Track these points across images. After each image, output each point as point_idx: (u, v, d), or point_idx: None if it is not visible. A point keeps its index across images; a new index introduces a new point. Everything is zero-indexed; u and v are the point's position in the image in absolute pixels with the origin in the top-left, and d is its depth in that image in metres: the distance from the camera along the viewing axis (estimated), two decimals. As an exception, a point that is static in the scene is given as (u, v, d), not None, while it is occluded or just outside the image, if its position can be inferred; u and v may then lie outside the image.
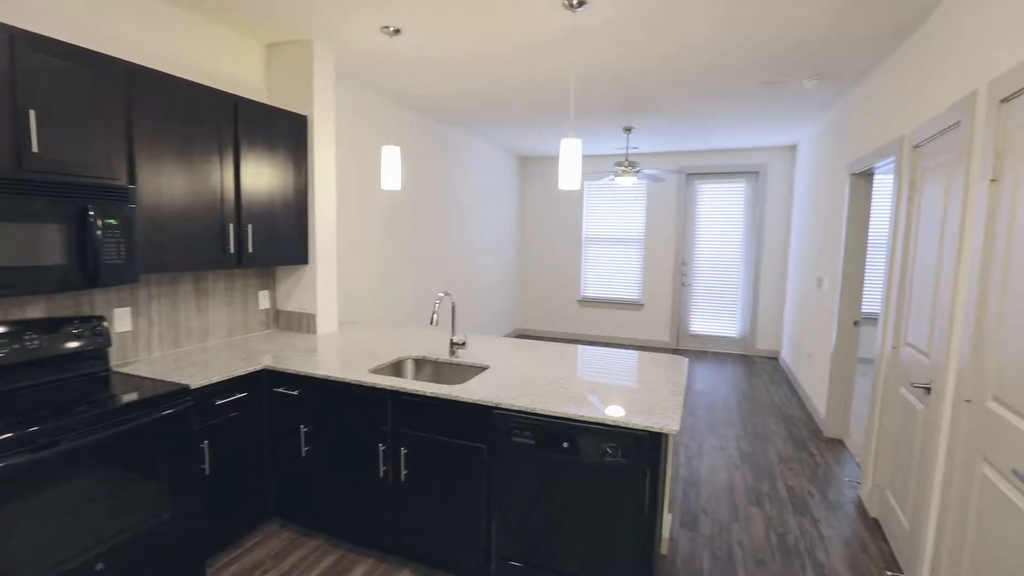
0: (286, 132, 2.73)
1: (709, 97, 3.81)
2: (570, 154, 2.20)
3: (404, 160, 4.40)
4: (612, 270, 6.92)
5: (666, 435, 1.80)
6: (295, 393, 2.27)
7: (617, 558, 1.77)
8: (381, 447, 2.11)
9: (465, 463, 1.97)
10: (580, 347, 2.72)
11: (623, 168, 4.92)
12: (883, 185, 5.24)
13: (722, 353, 6.41)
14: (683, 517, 2.66)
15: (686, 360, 2.48)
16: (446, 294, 2.41)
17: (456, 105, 4.23)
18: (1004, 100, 1.63)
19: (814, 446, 3.59)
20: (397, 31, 2.66)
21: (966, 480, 1.73)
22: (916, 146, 2.42)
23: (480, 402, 1.89)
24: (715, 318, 6.49)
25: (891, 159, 2.77)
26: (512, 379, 2.12)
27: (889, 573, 2.23)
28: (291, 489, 2.36)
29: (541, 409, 1.80)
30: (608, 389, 2.01)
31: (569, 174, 2.21)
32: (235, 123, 2.43)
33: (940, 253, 2.08)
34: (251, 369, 2.26)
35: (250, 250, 2.53)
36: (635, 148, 6.17)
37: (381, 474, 2.13)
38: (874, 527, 2.59)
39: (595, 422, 1.74)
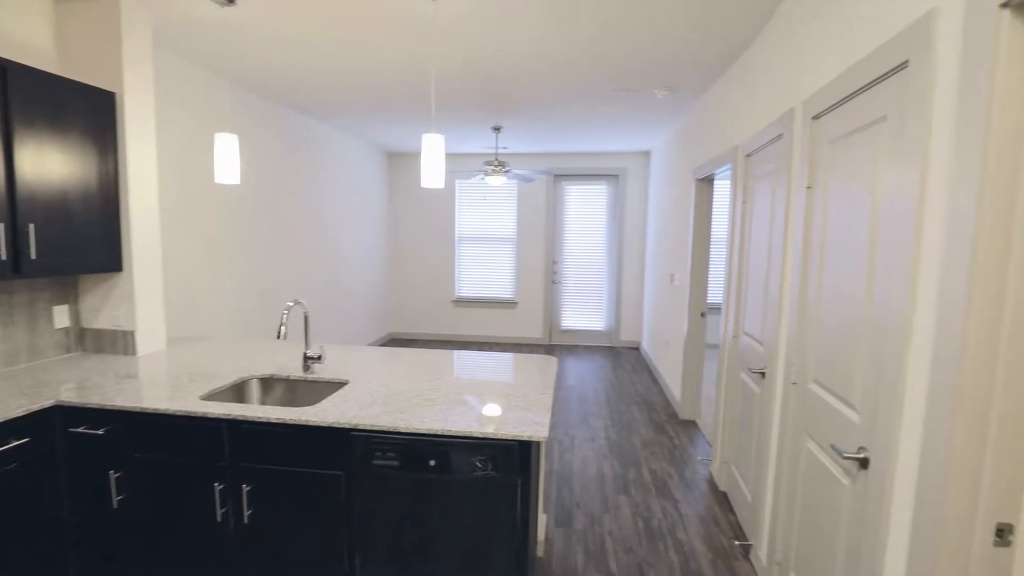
0: (85, 111, 2.22)
1: (571, 100, 3.93)
2: (432, 150, 2.07)
3: (254, 152, 3.91)
4: (486, 270, 6.93)
5: (536, 442, 1.77)
6: (100, 432, 1.85)
7: (493, 572, 1.69)
8: (218, 486, 1.79)
9: (320, 494, 1.74)
10: (453, 353, 2.61)
11: (493, 167, 4.91)
12: (725, 189, 5.92)
13: (591, 346, 6.76)
14: (558, 515, 2.69)
15: (555, 360, 2.49)
16: (296, 302, 2.13)
17: (313, 94, 3.86)
18: (815, 117, 1.85)
19: (672, 429, 3.89)
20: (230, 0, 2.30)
21: (794, 454, 1.94)
22: (748, 155, 2.69)
23: (336, 424, 1.68)
24: (584, 313, 6.82)
25: (728, 166, 3.07)
26: (375, 394, 1.94)
27: (737, 542, 2.46)
28: (100, 551, 1.92)
29: (406, 427, 1.65)
30: (479, 398, 1.92)
31: (432, 171, 2.08)
32: (3, 96, 1.91)
33: (769, 251, 2.33)
34: (35, 407, 1.79)
35: (33, 256, 2.01)
36: (505, 148, 6.23)
37: (219, 518, 1.81)
38: (723, 500, 2.86)
39: (464, 436, 1.64)
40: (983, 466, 1.09)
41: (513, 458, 1.63)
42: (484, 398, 1.92)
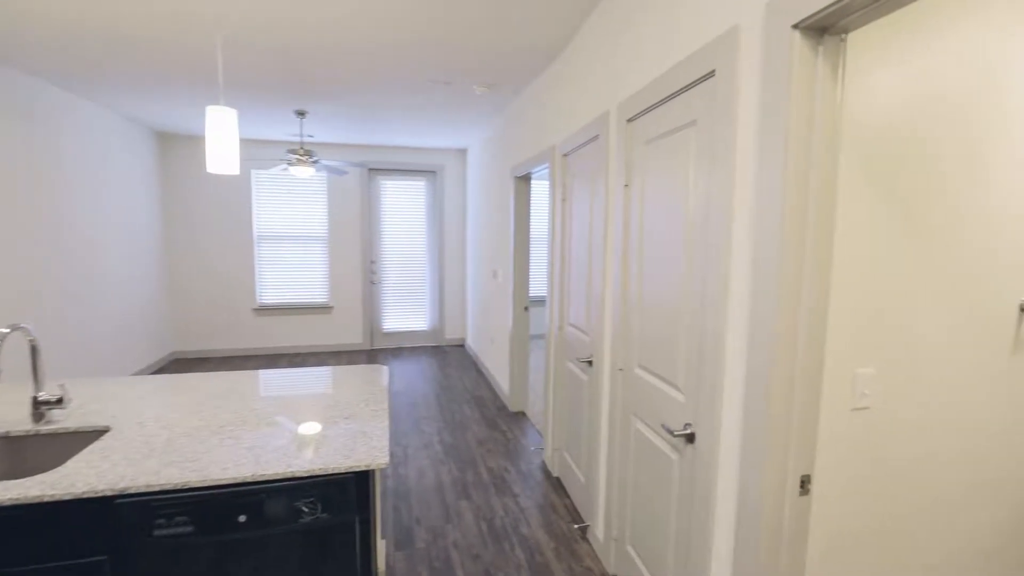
0: None
1: (384, 88, 3.68)
2: (220, 127, 1.67)
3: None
4: (294, 272, 6.20)
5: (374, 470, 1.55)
6: None
7: (329, 635, 1.42)
8: None
9: (71, 594, 1.25)
10: (259, 373, 2.18)
11: (298, 157, 4.37)
12: (544, 187, 6.27)
13: (417, 347, 6.57)
14: (398, 537, 2.47)
15: (385, 370, 2.27)
16: (16, 327, 1.54)
17: (42, 45, 2.88)
18: (630, 120, 1.97)
19: (504, 423, 3.95)
20: None
21: (624, 435, 2.07)
22: (565, 155, 2.82)
23: (90, 494, 1.22)
24: (407, 314, 6.58)
25: (546, 165, 3.19)
26: (151, 441, 1.48)
27: (575, 525, 2.56)
28: None
29: (200, 480, 1.27)
30: (298, 426, 1.61)
31: (220, 153, 1.68)
32: None
33: (590, 247, 2.46)
34: None
35: None
36: (311, 136, 5.63)
37: None
38: (558, 485, 2.97)
39: (283, 478, 1.33)
40: (791, 428, 1.25)
41: (349, 494, 1.39)
42: (305, 424, 1.61)
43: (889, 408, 1.47)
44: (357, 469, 1.37)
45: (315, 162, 4.54)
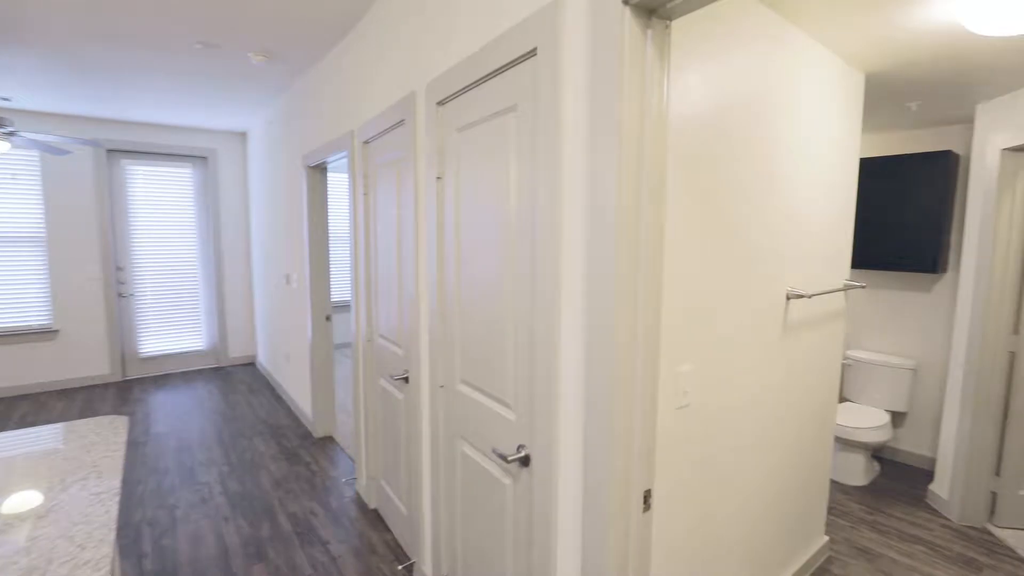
0: None
1: (126, 43, 2.80)
2: None
3: None
4: (-11, 286, 4.50)
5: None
6: None
7: None
8: None
9: None
10: None
11: (-23, 125, 3.09)
12: (342, 179, 5.63)
13: (191, 372, 5.38)
14: (157, 641, 1.84)
15: (123, 423, 1.64)
16: None
17: None
18: (441, 103, 1.74)
19: (307, 453, 3.40)
20: None
21: (450, 459, 1.84)
22: (367, 142, 2.46)
23: None
24: (175, 332, 5.34)
25: (344, 153, 2.77)
26: None
27: (399, 565, 2.25)
28: None
29: None
30: (-61, 549, 0.99)
31: None
32: None
33: (399, 248, 2.16)
34: None
35: None
36: (7, 99, 4.11)
37: None
38: (376, 520, 2.61)
39: None
40: (633, 441, 1.16)
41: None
42: (-45, 546, 1.00)
43: (703, 402, 1.51)
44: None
45: (12, 135, 3.28)
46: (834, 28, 1.74)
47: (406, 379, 2.16)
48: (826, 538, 2.41)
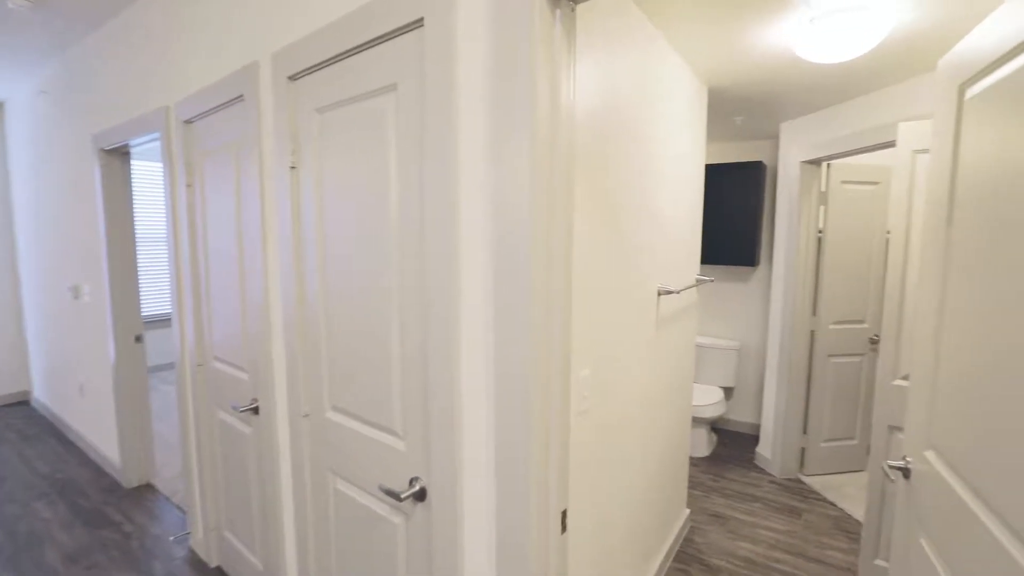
0: None
1: None
2: None
3: None
4: None
5: None
6: None
7: None
8: None
9: None
10: None
11: None
12: (152, 167, 4.61)
13: (-79, 421, 3.98)
14: None
15: None
16: None
17: None
18: (294, 78, 1.44)
19: (117, 510, 2.70)
20: None
21: (320, 500, 1.56)
22: (189, 121, 1.99)
23: None
24: None
25: (156, 135, 2.23)
26: None
27: (252, 636, 1.87)
28: None
29: None
30: None
31: None
32: None
33: (242, 250, 1.79)
34: None
35: None
36: None
37: None
38: (218, 581, 2.16)
39: None
40: (550, 457, 1.05)
41: None
42: None
43: (598, 404, 1.48)
44: None
45: None
46: (688, 41, 1.86)
47: (255, 410, 1.79)
48: (688, 511, 2.63)
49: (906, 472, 1.32)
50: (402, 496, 1.19)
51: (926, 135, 1.82)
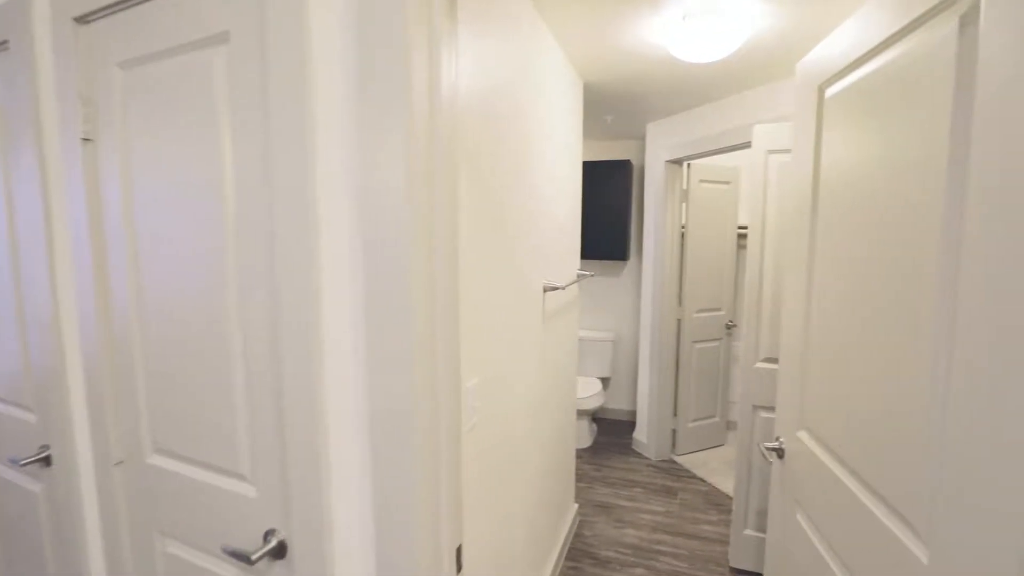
0: None
1: None
2: None
3: None
4: None
5: None
6: None
7: None
8: None
9: None
10: None
11: None
12: None
13: None
14: None
15: None
16: None
17: None
18: (82, 20, 1.09)
19: None
20: None
21: (146, 567, 1.23)
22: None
23: None
24: None
25: None
26: None
27: None
28: None
29: None
30: None
31: None
32: None
33: (15, 257, 1.35)
34: None
35: None
36: None
37: None
38: None
39: None
40: (441, 487, 0.89)
41: None
42: None
43: (489, 414, 1.36)
44: None
45: None
46: (568, 30, 1.81)
47: (46, 460, 1.37)
48: (576, 505, 2.63)
49: (780, 452, 1.39)
50: (253, 557, 0.94)
51: (779, 136, 1.99)
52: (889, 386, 0.88)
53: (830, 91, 1.16)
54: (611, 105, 2.82)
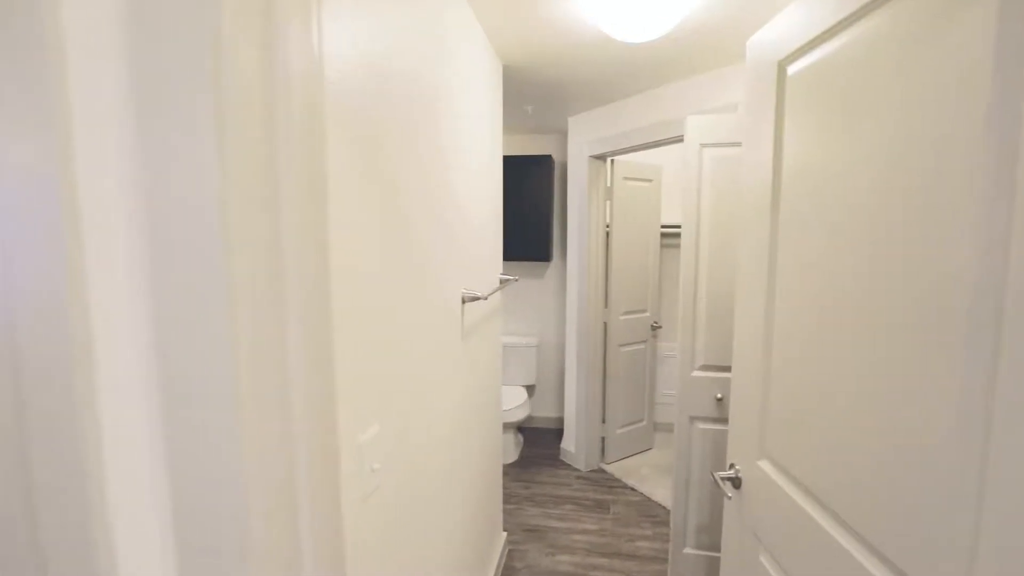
0: None
1: None
2: None
3: None
4: None
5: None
6: None
7: None
8: None
9: None
10: None
11: None
12: None
13: None
14: None
15: None
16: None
17: None
18: None
19: None
20: None
21: None
22: None
23: None
24: None
25: None
26: None
27: None
28: None
29: None
30: None
31: None
32: None
33: None
34: None
35: None
36: None
37: None
38: None
39: None
40: (307, 644, 0.59)
41: None
42: None
43: (398, 461, 1.06)
44: None
45: None
46: (487, 1, 1.54)
47: None
48: (504, 533, 2.39)
49: (736, 481, 1.23)
50: None
51: (714, 129, 1.86)
52: (892, 415, 0.71)
53: (793, 68, 0.99)
54: (532, 93, 2.61)
